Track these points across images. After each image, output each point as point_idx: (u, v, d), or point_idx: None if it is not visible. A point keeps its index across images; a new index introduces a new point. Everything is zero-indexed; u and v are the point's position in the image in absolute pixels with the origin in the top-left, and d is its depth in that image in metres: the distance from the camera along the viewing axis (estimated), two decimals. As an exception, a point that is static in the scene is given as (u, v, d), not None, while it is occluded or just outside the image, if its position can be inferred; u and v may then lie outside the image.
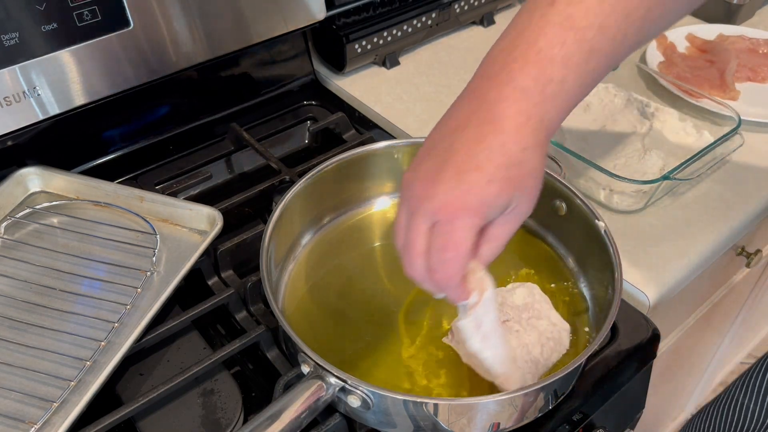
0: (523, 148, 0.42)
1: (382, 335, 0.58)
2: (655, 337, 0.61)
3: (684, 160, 0.70)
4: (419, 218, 0.43)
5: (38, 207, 0.66)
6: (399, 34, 0.92)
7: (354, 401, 0.48)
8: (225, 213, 0.64)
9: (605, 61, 0.43)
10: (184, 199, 0.68)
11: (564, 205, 0.63)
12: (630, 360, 0.59)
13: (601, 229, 0.58)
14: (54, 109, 0.67)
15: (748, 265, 0.91)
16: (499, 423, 0.50)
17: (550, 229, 0.66)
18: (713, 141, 0.74)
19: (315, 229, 0.67)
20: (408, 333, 0.58)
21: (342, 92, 0.91)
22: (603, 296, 0.57)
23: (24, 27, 0.61)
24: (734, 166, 0.78)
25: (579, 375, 0.55)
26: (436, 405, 0.47)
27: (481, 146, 0.42)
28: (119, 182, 0.72)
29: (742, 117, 0.76)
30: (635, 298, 0.65)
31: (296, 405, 0.46)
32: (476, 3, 1.00)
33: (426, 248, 0.44)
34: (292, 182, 0.65)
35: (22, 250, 0.62)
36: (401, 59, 0.96)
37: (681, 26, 1.00)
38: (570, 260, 0.64)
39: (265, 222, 0.59)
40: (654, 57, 0.95)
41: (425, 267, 0.44)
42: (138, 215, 0.65)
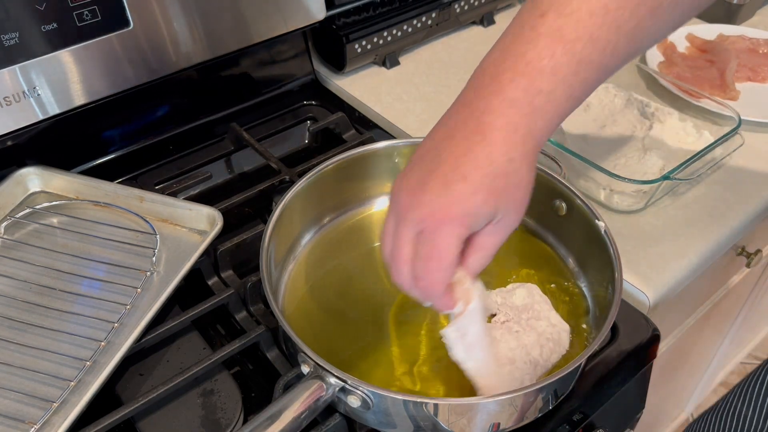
0: (510, 160, 0.42)
1: (382, 335, 0.58)
2: (655, 338, 0.61)
3: (684, 160, 0.70)
4: (405, 226, 0.44)
5: (38, 207, 0.66)
6: (399, 34, 0.92)
7: (354, 401, 0.48)
8: (225, 213, 0.64)
9: (595, 73, 0.43)
10: (184, 199, 0.68)
11: (564, 205, 0.63)
12: (630, 360, 0.59)
13: (601, 229, 0.58)
14: (54, 109, 0.67)
15: (748, 265, 0.91)
16: (499, 423, 0.50)
17: (550, 229, 0.66)
18: (713, 141, 0.74)
19: (315, 229, 0.67)
20: (405, 332, 0.58)
21: (342, 92, 0.91)
22: (603, 296, 0.57)
23: (24, 27, 0.61)
24: (734, 166, 0.78)
25: (579, 375, 0.55)
26: (436, 405, 0.47)
27: (468, 157, 0.42)
28: (119, 182, 0.72)
29: (742, 117, 0.76)
30: (635, 298, 0.65)
31: (296, 405, 0.46)
32: (476, 3, 1.00)
33: (412, 256, 0.44)
34: (292, 182, 0.65)
35: (22, 250, 0.62)
36: (401, 59, 0.96)
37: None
38: (570, 260, 0.64)
39: (265, 222, 0.59)
40: (654, 57, 0.95)
41: (411, 275, 0.45)
42: (138, 215, 0.65)
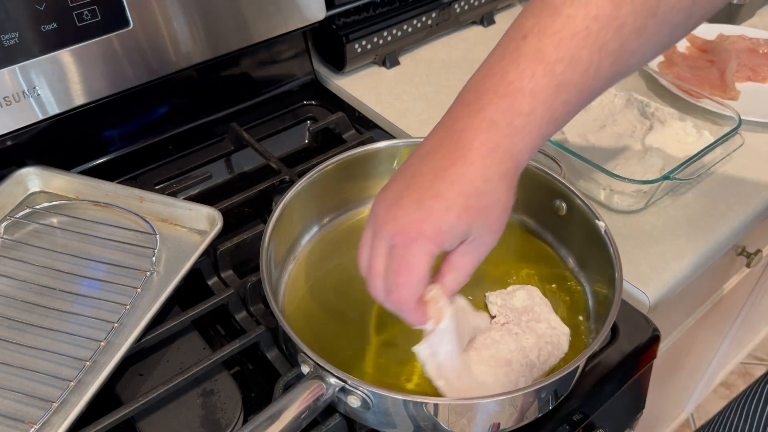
0: (486, 179, 0.42)
1: (382, 335, 0.58)
2: (655, 338, 0.61)
3: (684, 160, 0.70)
4: (380, 240, 0.44)
5: (38, 207, 0.66)
6: (399, 34, 0.92)
7: (354, 401, 0.48)
8: (225, 213, 0.64)
9: (577, 95, 0.42)
10: (184, 199, 0.68)
11: (564, 205, 0.63)
12: (630, 360, 0.59)
13: (602, 229, 0.58)
14: (54, 109, 0.67)
15: (748, 265, 0.91)
16: (499, 423, 0.50)
17: (550, 229, 0.66)
18: (713, 141, 0.74)
19: (315, 229, 0.67)
20: (406, 332, 0.58)
21: (342, 92, 0.91)
22: (603, 296, 0.57)
23: (24, 27, 0.61)
24: (734, 166, 0.78)
25: (579, 375, 0.55)
26: (436, 405, 0.47)
27: (445, 174, 0.42)
28: (119, 182, 0.72)
29: (742, 117, 0.76)
30: (635, 298, 0.65)
31: (296, 405, 0.46)
32: (476, 3, 1.00)
33: (385, 270, 0.44)
34: (292, 182, 0.65)
35: (22, 250, 0.62)
36: (401, 59, 0.96)
37: (681, 26, 1.00)
38: (570, 260, 0.64)
39: (265, 222, 0.59)
40: (654, 57, 0.95)
41: (384, 288, 0.45)
42: (138, 215, 0.65)
